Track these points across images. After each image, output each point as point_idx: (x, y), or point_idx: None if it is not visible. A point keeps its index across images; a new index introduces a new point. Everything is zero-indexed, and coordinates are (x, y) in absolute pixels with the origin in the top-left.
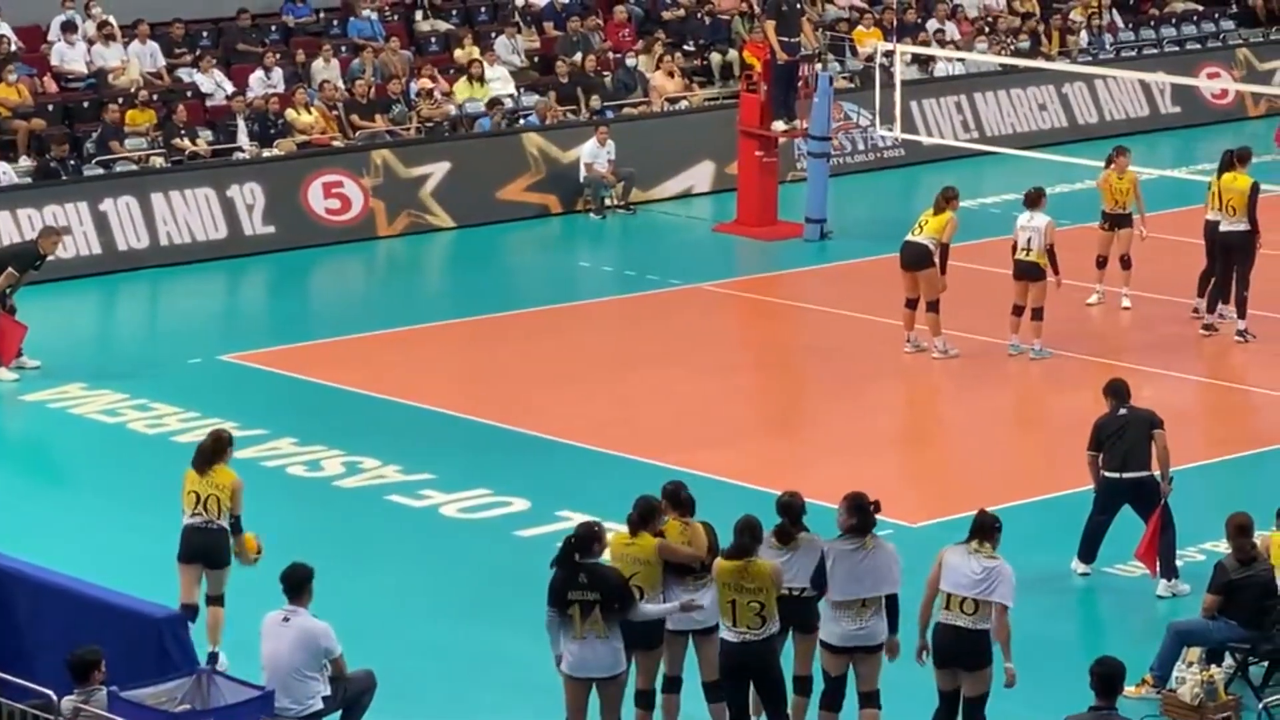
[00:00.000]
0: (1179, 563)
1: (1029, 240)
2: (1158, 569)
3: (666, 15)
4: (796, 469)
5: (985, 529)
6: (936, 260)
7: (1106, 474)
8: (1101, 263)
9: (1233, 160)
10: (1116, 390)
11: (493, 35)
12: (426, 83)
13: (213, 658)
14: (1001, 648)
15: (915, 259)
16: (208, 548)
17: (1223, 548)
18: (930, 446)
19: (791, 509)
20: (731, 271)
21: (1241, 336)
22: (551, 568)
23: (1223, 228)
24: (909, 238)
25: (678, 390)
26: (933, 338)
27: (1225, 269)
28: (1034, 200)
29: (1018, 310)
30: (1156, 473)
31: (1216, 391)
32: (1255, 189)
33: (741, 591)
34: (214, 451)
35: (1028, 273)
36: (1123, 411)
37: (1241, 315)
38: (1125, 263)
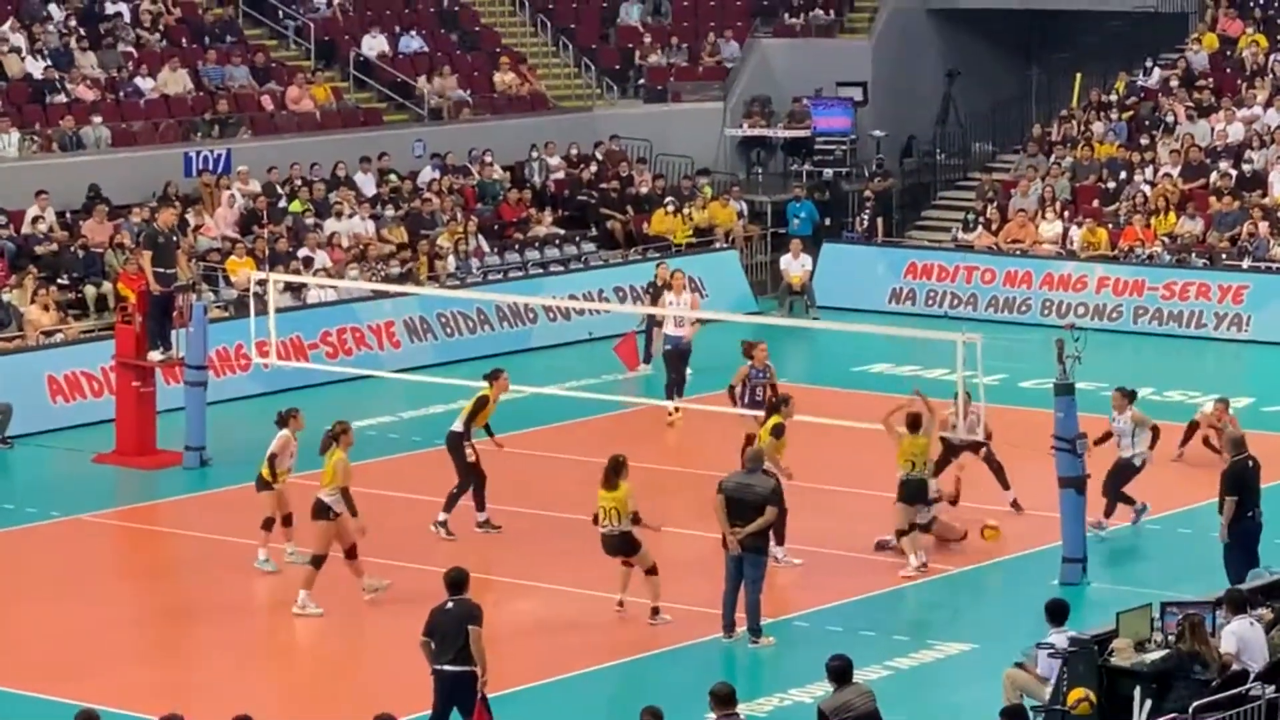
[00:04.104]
0: None
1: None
2: None
3: (39, 250)
4: (181, 693)
5: None
6: (344, 509)
7: (435, 667)
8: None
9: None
10: (453, 581)
11: None
12: None
13: None
14: None
15: (322, 514)
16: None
17: None
18: (312, 660)
19: None
20: (111, 501)
21: (482, 528)
22: None
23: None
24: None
25: (61, 623)
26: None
27: (464, 477)
28: (284, 420)
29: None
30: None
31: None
32: (481, 400)
33: None
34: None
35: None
36: (450, 605)
37: (480, 509)
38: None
